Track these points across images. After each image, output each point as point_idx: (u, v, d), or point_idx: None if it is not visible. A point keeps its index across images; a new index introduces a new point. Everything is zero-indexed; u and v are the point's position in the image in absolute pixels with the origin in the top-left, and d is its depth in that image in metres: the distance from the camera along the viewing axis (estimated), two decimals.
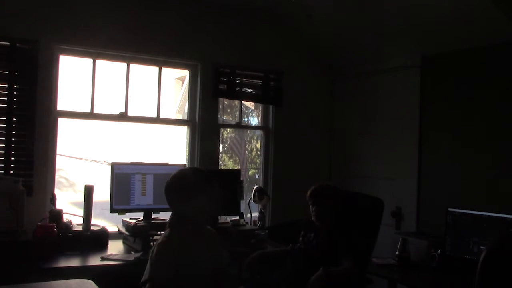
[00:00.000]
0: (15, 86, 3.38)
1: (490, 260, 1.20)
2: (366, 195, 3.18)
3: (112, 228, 3.52)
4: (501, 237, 1.31)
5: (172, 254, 2.07)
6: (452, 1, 3.28)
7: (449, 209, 3.30)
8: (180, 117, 5.67)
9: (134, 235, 3.27)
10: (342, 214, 2.96)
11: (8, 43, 3.34)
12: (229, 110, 5.32)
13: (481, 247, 3.07)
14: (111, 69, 4.06)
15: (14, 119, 3.38)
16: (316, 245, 2.89)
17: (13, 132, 3.37)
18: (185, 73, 4.48)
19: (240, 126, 4.77)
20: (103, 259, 2.99)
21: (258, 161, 4.84)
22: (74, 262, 2.94)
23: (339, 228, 2.90)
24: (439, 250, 3.20)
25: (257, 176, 4.96)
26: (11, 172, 3.34)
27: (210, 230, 2.36)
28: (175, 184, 2.18)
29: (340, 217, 2.94)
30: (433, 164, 3.82)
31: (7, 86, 3.34)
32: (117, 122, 3.98)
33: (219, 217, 3.87)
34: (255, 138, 5.34)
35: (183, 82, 6.02)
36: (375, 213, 3.00)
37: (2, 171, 3.32)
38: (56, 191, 3.50)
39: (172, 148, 5.19)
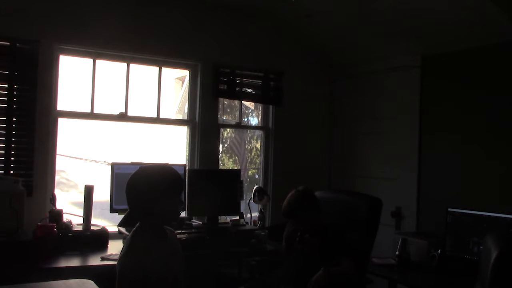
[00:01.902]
0: (15, 86, 3.38)
1: (503, 260, 1.20)
2: (364, 195, 3.17)
3: (112, 228, 3.52)
4: (508, 238, 1.32)
5: (138, 265, 1.92)
6: (452, 1, 3.28)
7: (449, 209, 3.30)
8: (180, 117, 5.67)
9: None
10: (324, 215, 2.93)
11: (8, 43, 3.34)
12: (229, 110, 5.32)
13: (481, 247, 3.06)
14: (111, 69, 4.06)
15: (14, 119, 3.37)
16: (313, 245, 2.88)
17: (13, 132, 3.37)
18: (185, 73, 4.48)
19: (240, 126, 4.77)
20: (103, 259, 2.99)
21: (258, 161, 4.84)
22: (74, 262, 2.94)
23: (337, 228, 2.89)
24: (439, 250, 3.20)
25: (257, 176, 4.96)
26: (11, 172, 3.34)
27: (170, 229, 2.24)
28: (152, 182, 2.02)
29: (332, 217, 2.92)
30: (433, 164, 3.82)
31: (7, 86, 3.34)
32: (117, 122, 3.97)
33: (219, 217, 3.87)
34: (255, 138, 5.34)
35: (183, 82, 6.02)
36: (374, 212, 3.00)
37: (2, 171, 3.32)
38: (57, 192, 3.50)
39: (172, 148, 5.18)
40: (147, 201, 2.01)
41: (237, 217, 3.88)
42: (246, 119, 5.62)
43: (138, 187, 2.02)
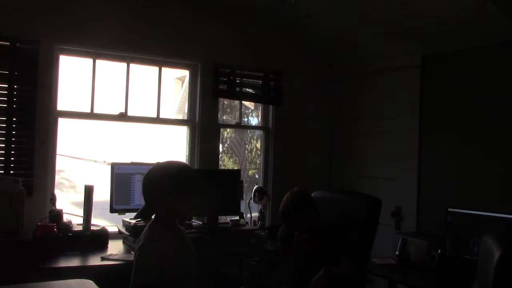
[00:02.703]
0: (15, 86, 3.38)
1: (507, 260, 1.19)
2: (364, 195, 3.17)
3: (112, 228, 3.52)
4: (509, 237, 1.33)
5: (156, 255, 2.01)
6: (452, 1, 3.28)
7: (449, 209, 3.30)
8: (180, 117, 5.66)
9: (134, 235, 3.27)
10: (323, 215, 2.94)
11: (8, 43, 3.34)
12: (229, 110, 5.32)
13: (480, 247, 3.06)
14: (111, 69, 4.06)
15: (14, 119, 3.38)
16: (312, 245, 2.88)
17: (13, 132, 3.37)
18: (185, 73, 4.48)
19: (240, 126, 4.77)
20: (103, 259, 3.00)
21: (258, 161, 4.84)
22: (74, 262, 2.94)
23: (335, 228, 2.89)
24: (439, 250, 3.20)
25: (257, 176, 4.96)
26: (11, 172, 3.34)
27: (182, 228, 2.35)
28: (146, 185, 2.13)
29: (321, 219, 2.92)
30: (433, 164, 3.82)
31: (7, 86, 3.34)
32: (117, 122, 3.97)
33: (219, 217, 3.87)
34: (255, 138, 5.34)
35: (183, 82, 6.01)
36: (373, 212, 3.00)
37: (2, 171, 3.32)
38: (57, 192, 3.50)
39: (172, 148, 5.18)
40: (151, 198, 2.13)
41: (237, 217, 3.88)
42: (246, 119, 5.61)
43: (146, 184, 2.14)
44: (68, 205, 4.43)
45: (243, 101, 4.63)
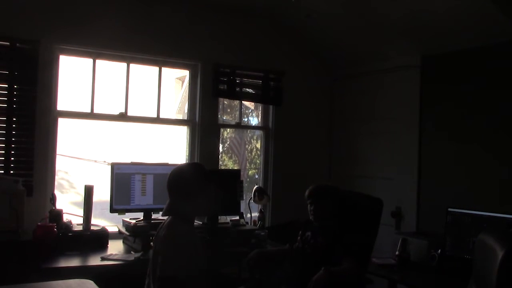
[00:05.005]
0: (15, 86, 3.38)
1: (510, 260, 1.18)
2: (365, 195, 3.18)
3: (112, 228, 3.52)
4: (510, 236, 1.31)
5: (187, 249, 2.10)
6: (452, 1, 3.27)
7: (449, 209, 3.30)
8: (180, 117, 5.67)
9: (134, 235, 3.27)
10: (341, 213, 2.96)
11: (8, 43, 3.34)
12: (229, 110, 5.32)
13: (478, 247, 3.06)
14: (111, 69, 4.06)
15: (14, 119, 3.38)
16: (314, 244, 2.89)
17: (13, 132, 3.37)
18: (185, 73, 4.48)
19: (240, 126, 4.76)
20: (103, 259, 3.00)
21: (258, 161, 4.84)
22: (74, 262, 2.94)
23: (338, 228, 2.89)
24: (439, 250, 3.20)
25: (257, 176, 4.96)
26: (11, 172, 3.34)
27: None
28: (172, 182, 2.25)
29: (338, 217, 2.94)
30: (433, 164, 3.82)
31: (7, 86, 3.34)
32: (117, 122, 3.97)
33: (219, 217, 3.87)
34: (255, 138, 5.34)
35: (183, 82, 6.03)
36: (374, 212, 3.00)
37: (2, 171, 3.32)
38: (57, 193, 3.50)
39: (172, 148, 5.18)
40: (177, 192, 2.27)
41: (237, 217, 3.88)
42: (246, 119, 5.61)
43: (168, 184, 2.29)
44: (68, 205, 4.43)
45: (243, 101, 4.63)
